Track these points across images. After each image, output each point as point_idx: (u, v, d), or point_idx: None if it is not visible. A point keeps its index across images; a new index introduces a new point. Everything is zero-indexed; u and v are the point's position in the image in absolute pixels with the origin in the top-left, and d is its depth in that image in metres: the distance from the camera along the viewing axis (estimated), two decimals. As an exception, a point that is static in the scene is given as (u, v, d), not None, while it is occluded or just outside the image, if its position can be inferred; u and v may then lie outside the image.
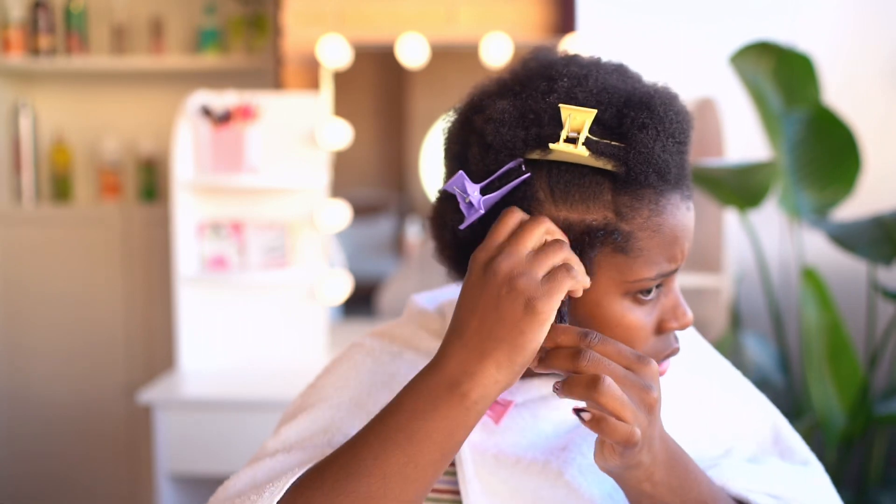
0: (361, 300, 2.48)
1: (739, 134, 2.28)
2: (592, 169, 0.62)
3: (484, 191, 0.63)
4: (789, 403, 2.14)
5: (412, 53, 2.38)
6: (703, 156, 2.20)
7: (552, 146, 0.61)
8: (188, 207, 2.22)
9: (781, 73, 2.00)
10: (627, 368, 0.60)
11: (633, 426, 0.57)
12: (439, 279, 0.75)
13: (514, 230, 0.62)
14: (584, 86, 0.63)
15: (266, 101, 2.22)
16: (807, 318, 1.99)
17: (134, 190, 2.96)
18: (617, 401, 0.57)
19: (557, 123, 0.62)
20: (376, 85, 2.57)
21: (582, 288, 0.61)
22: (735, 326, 2.21)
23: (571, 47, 1.62)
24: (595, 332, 0.60)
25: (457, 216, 0.66)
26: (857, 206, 2.16)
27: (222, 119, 2.16)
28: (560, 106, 0.62)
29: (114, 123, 2.94)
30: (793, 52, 1.98)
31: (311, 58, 2.45)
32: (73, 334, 2.80)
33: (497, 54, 2.35)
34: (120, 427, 2.79)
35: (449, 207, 0.67)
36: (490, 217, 0.65)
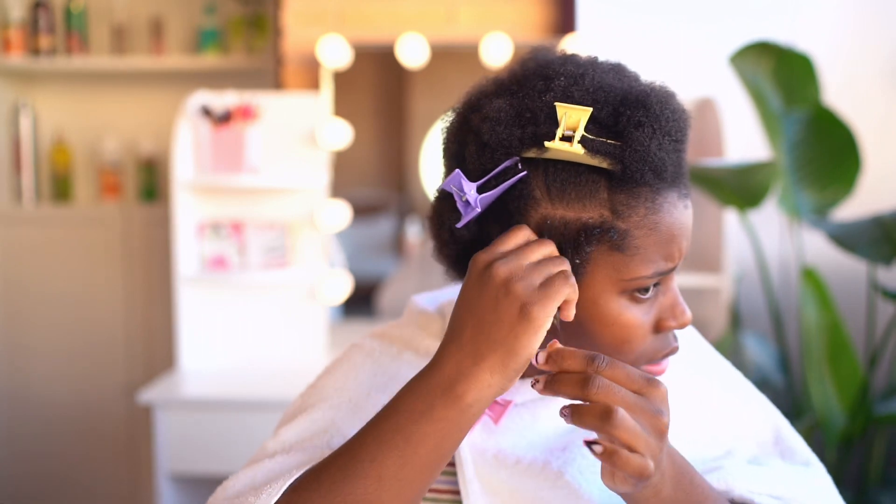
0: (361, 300, 2.48)
1: (739, 134, 2.28)
2: (589, 167, 0.62)
3: (481, 189, 0.63)
4: (789, 403, 2.14)
5: (412, 53, 2.38)
6: (703, 156, 2.20)
7: (548, 144, 0.61)
8: (188, 207, 2.22)
9: (781, 73, 2.00)
10: (637, 393, 0.58)
11: (646, 458, 0.56)
12: (439, 279, 0.75)
13: (519, 244, 0.62)
14: (581, 84, 0.63)
15: (266, 101, 2.22)
16: (807, 318, 1.99)
17: (134, 190, 2.96)
18: (631, 433, 0.56)
19: (553, 122, 0.62)
20: (376, 85, 2.57)
21: (576, 298, 0.61)
22: (735, 326, 2.20)
23: (571, 47, 1.62)
24: (602, 355, 0.59)
25: (454, 215, 0.66)
26: (857, 206, 2.16)
27: (222, 119, 2.16)
28: (556, 104, 0.62)
29: (114, 123, 2.94)
30: (793, 52, 1.98)
31: (311, 58, 2.45)
32: (73, 334, 2.80)
33: (497, 54, 2.35)
34: (120, 427, 2.79)
35: (447, 206, 0.67)
36: (487, 215, 0.65)
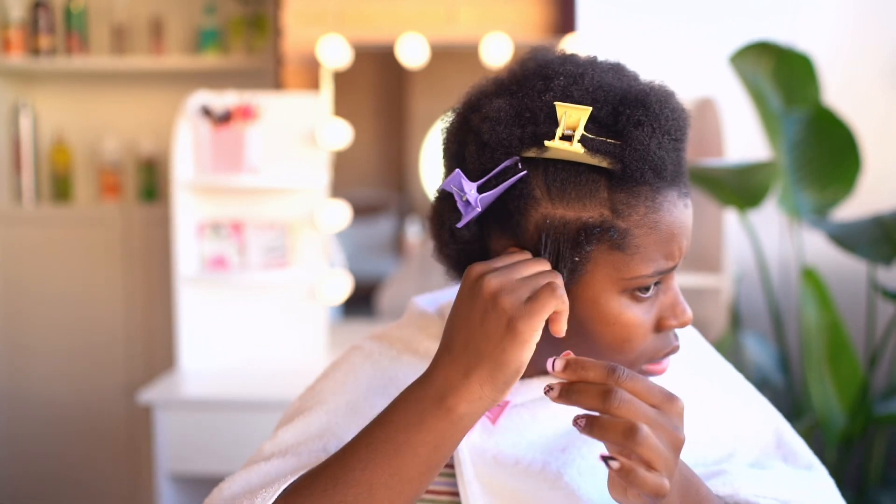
0: (361, 300, 2.48)
1: (739, 134, 2.28)
2: (588, 166, 0.62)
3: (481, 189, 0.63)
4: (789, 403, 2.14)
5: (412, 53, 2.38)
6: (703, 156, 2.20)
7: (548, 144, 0.61)
8: (188, 207, 2.22)
9: (781, 73, 2.00)
10: (655, 407, 0.58)
11: (663, 477, 0.56)
12: (439, 279, 0.75)
13: (514, 262, 0.62)
14: (580, 84, 0.63)
15: (266, 101, 2.22)
16: (807, 318, 1.99)
17: (134, 190, 2.96)
18: (653, 451, 0.56)
19: (553, 121, 0.62)
20: (376, 85, 2.57)
21: (566, 311, 0.60)
22: (735, 326, 2.20)
23: (571, 47, 1.62)
24: (622, 367, 0.59)
25: (454, 215, 0.66)
26: (857, 206, 2.16)
27: (222, 119, 2.16)
28: (556, 104, 0.62)
29: (114, 123, 2.94)
30: (793, 52, 1.98)
31: (311, 58, 2.45)
32: (73, 334, 2.80)
33: (497, 54, 2.35)
34: (120, 427, 2.79)
35: (447, 206, 0.67)
36: (487, 215, 0.65)
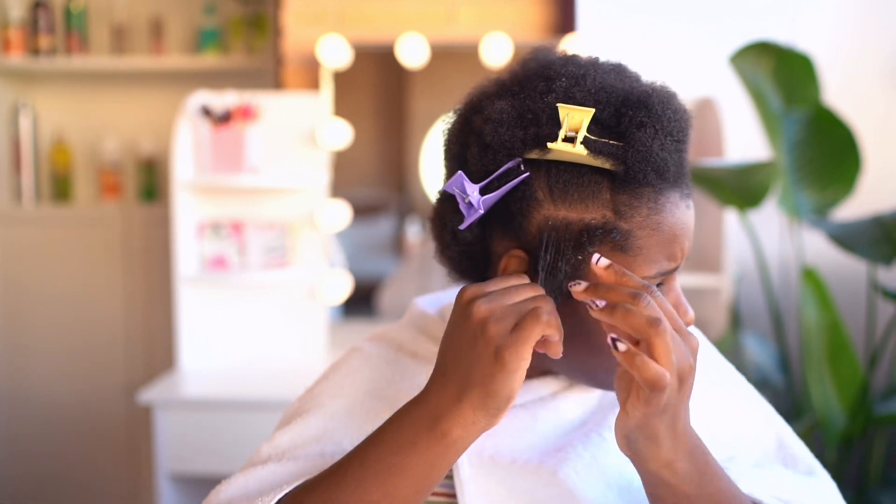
0: (361, 300, 2.48)
1: (739, 134, 2.28)
2: (591, 168, 0.62)
3: (483, 191, 0.63)
4: (789, 403, 2.14)
5: (412, 53, 2.38)
6: (703, 156, 2.20)
7: (550, 145, 0.61)
8: (188, 207, 2.22)
9: (781, 73, 2.00)
10: (675, 330, 0.59)
11: (665, 371, 0.56)
12: (439, 279, 0.75)
13: (507, 286, 0.61)
14: (582, 85, 0.63)
15: (266, 101, 2.22)
16: (807, 318, 1.99)
17: (134, 190, 2.96)
18: (665, 346, 0.56)
19: (556, 123, 0.62)
20: (376, 85, 2.57)
21: (556, 336, 0.59)
22: (735, 326, 2.21)
23: (571, 47, 1.62)
24: (655, 289, 0.59)
25: (456, 216, 0.66)
26: (857, 206, 2.16)
27: (222, 119, 2.16)
28: (558, 105, 0.62)
29: (114, 123, 2.94)
30: (793, 52, 1.98)
31: (311, 58, 2.45)
32: (73, 334, 2.80)
33: (497, 54, 2.35)
34: (120, 427, 2.79)
35: (449, 208, 0.67)
36: (489, 217, 0.65)
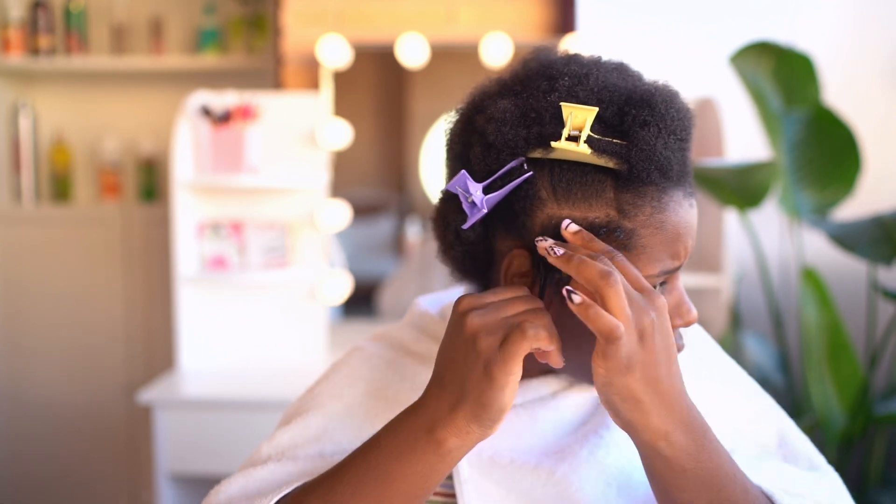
0: (361, 300, 2.48)
1: (739, 134, 2.28)
2: (594, 167, 0.62)
3: (486, 190, 0.63)
4: (789, 403, 2.14)
5: (412, 53, 2.38)
6: (703, 156, 2.20)
7: (554, 144, 0.61)
8: (188, 207, 2.22)
9: (781, 73, 2.00)
10: (638, 291, 0.59)
11: (620, 323, 0.56)
12: (439, 279, 0.75)
13: (504, 298, 0.61)
14: (585, 84, 0.63)
15: (266, 101, 2.22)
16: (807, 318, 1.99)
17: (134, 190, 2.96)
18: (619, 297, 0.56)
19: (559, 122, 0.62)
20: (376, 85, 2.57)
21: (549, 348, 0.59)
22: (735, 326, 2.21)
23: (571, 47, 1.62)
24: (619, 254, 0.60)
25: (459, 216, 0.66)
26: (857, 206, 2.16)
27: (222, 119, 2.16)
28: (561, 104, 0.62)
29: (114, 123, 2.94)
30: (793, 52, 1.98)
31: (311, 58, 2.45)
32: (73, 334, 2.79)
33: (497, 54, 2.35)
34: (120, 427, 2.79)
35: (451, 207, 0.67)
36: (493, 216, 0.65)
